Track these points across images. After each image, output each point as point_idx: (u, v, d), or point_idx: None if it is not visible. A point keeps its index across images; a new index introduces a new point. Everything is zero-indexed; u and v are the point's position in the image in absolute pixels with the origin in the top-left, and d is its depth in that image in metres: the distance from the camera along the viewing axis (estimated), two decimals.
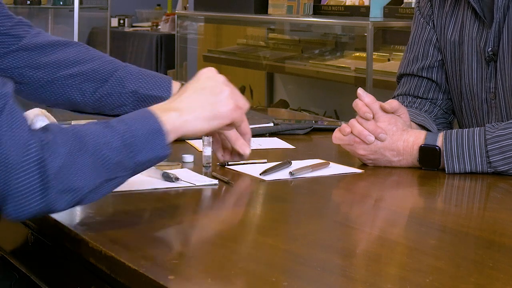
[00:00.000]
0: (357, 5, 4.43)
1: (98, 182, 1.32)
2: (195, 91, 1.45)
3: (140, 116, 1.37)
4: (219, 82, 1.48)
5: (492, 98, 1.99)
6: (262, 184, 1.70)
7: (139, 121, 1.36)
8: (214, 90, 1.46)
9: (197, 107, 1.43)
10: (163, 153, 1.38)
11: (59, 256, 1.49)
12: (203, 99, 1.45)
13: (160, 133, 1.37)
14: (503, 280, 1.18)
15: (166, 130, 1.37)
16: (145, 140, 1.35)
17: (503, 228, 1.47)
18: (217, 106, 1.46)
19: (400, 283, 1.17)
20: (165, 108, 1.41)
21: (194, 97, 1.44)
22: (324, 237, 1.40)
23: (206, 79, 1.48)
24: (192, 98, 1.44)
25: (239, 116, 1.50)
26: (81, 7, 6.12)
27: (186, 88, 1.47)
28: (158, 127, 1.37)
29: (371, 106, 1.83)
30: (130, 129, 1.34)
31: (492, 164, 1.76)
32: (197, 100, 1.44)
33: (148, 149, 1.36)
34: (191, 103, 1.43)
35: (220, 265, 1.25)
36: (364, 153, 1.83)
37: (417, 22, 2.15)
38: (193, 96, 1.44)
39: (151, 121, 1.36)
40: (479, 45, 2.00)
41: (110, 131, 1.33)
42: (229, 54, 5.27)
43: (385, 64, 4.07)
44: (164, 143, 1.37)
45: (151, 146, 1.36)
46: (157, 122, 1.37)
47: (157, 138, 1.36)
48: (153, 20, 7.52)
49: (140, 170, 1.38)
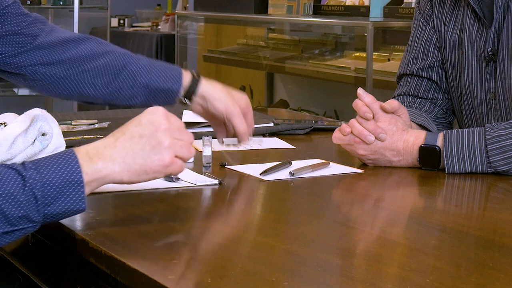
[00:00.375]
0: (357, 5, 4.43)
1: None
2: (131, 137, 1.33)
3: (61, 163, 1.27)
4: (160, 130, 1.35)
5: (491, 98, 1.99)
6: (262, 184, 1.70)
7: (57, 170, 1.26)
8: (151, 141, 1.33)
9: (127, 159, 1.32)
10: (77, 207, 1.28)
11: (59, 256, 1.49)
12: (137, 150, 1.32)
13: (78, 185, 1.27)
14: (503, 280, 1.18)
15: (86, 181, 1.28)
16: (59, 191, 1.26)
17: (503, 228, 1.47)
18: (150, 161, 1.33)
19: (400, 283, 1.17)
20: (91, 156, 1.30)
21: (128, 146, 1.32)
22: (324, 237, 1.40)
23: (148, 124, 1.35)
24: (125, 146, 1.32)
25: (176, 169, 1.37)
26: (81, 7, 6.11)
27: (124, 130, 1.34)
28: (78, 179, 1.27)
29: (371, 106, 1.83)
30: (42, 180, 1.25)
31: (492, 164, 1.76)
32: (130, 150, 1.32)
33: (61, 202, 1.27)
34: (122, 153, 1.32)
35: (220, 265, 1.25)
36: (364, 153, 1.83)
37: (417, 22, 2.15)
38: (127, 144, 1.32)
39: (71, 172, 1.27)
40: (478, 45, 2.00)
41: (21, 180, 1.24)
42: (229, 54, 5.27)
43: (385, 64, 4.07)
44: (81, 196, 1.28)
45: (65, 198, 1.27)
46: (78, 173, 1.27)
47: (74, 190, 1.27)
48: (153, 20, 7.51)
49: (51, 221, 1.28)
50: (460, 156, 1.77)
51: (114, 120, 2.32)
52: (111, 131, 1.86)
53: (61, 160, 1.28)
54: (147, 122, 1.35)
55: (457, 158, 1.77)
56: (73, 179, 1.27)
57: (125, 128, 1.35)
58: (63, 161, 1.27)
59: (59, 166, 1.27)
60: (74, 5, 6.00)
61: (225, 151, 1.99)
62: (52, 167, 1.26)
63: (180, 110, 2.36)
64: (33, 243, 1.58)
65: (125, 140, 1.33)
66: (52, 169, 1.26)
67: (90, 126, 2.18)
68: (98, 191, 1.60)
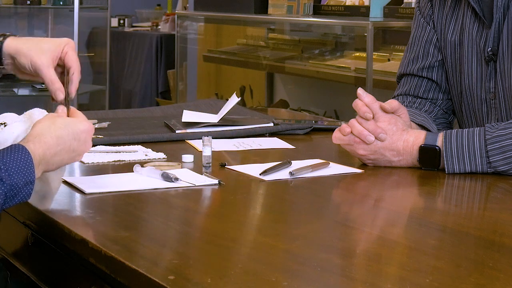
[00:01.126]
0: (357, 5, 4.42)
1: None
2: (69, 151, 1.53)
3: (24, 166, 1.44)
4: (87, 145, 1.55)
5: (491, 98, 1.99)
6: (262, 184, 1.70)
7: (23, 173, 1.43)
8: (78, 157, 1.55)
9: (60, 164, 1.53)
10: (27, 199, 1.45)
11: (59, 256, 1.49)
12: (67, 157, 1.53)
13: (31, 184, 1.45)
14: (503, 280, 1.18)
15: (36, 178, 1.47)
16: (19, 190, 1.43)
17: (503, 228, 1.47)
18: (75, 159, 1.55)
19: (400, 283, 1.17)
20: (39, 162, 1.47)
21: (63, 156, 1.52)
22: (324, 237, 1.40)
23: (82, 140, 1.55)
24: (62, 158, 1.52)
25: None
26: (81, 7, 6.11)
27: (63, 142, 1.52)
28: (32, 179, 1.44)
29: (371, 106, 1.83)
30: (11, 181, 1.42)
31: (492, 164, 1.76)
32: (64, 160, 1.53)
33: (20, 197, 1.44)
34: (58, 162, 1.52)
35: (220, 265, 1.25)
36: (364, 153, 1.83)
37: (417, 22, 2.15)
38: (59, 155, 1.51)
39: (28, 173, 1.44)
40: (479, 45, 2.00)
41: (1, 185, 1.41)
42: (229, 54, 5.27)
43: (385, 64, 4.07)
44: (30, 192, 1.45)
45: (23, 193, 1.44)
46: (33, 174, 1.45)
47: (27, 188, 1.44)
48: (153, 20, 7.52)
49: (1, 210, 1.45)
50: (460, 156, 1.77)
51: (114, 120, 2.32)
52: (111, 131, 1.89)
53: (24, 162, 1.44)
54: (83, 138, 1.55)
55: (457, 158, 1.77)
56: (30, 180, 1.44)
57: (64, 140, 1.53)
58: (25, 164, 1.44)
59: (23, 169, 1.44)
60: (74, 5, 6.00)
61: (225, 151, 1.99)
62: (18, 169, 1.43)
63: (180, 110, 2.36)
64: (33, 243, 1.58)
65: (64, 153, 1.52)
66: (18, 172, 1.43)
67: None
68: (98, 191, 1.60)
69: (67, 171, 1.80)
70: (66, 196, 1.61)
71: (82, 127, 1.55)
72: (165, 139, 2.10)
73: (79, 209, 1.56)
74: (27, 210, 1.55)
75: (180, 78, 5.78)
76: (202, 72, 5.96)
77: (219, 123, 2.20)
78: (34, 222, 1.55)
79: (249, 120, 2.29)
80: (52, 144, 1.50)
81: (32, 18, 6.59)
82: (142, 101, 6.74)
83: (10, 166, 1.42)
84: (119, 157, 1.89)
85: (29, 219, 1.56)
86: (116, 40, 7.08)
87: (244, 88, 5.39)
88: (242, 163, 1.86)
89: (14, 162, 1.43)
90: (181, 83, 5.81)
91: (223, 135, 2.14)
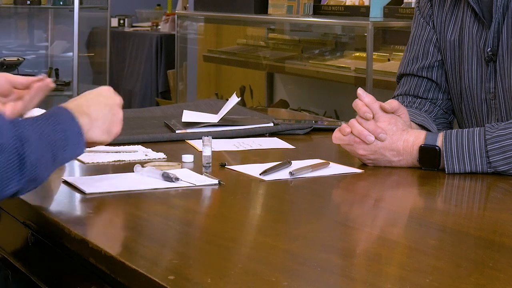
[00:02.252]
0: (357, 5, 4.42)
1: (49, 175, 1.44)
2: (99, 103, 1.56)
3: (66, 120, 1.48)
4: (116, 103, 1.59)
5: (491, 98, 1.99)
6: (262, 184, 1.70)
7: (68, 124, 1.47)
8: (112, 110, 1.57)
9: (99, 119, 1.54)
10: (80, 152, 1.50)
11: (59, 256, 1.49)
12: (105, 114, 1.56)
13: (82, 135, 1.49)
14: (503, 280, 1.18)
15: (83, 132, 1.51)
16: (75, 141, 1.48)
17: (503, 228, 1.47)
18: (112, 125, 1.57)
19: (400, 283, 1.17)
20: (79, 111, 1.51)
21: (98, 109, 1.55)
22: (324, 237, 1.40)
23: (107, 97, 1.59)
24: (97, 108, 1.55)
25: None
26: (81, 7, 6.11)
27: (89, 96, 1.58)
28: (79, 130, 1.49)
29: (371, 106, 1.83)
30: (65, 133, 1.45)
31: (492, 164, 1.76)
32: (100, 112, 1.55)
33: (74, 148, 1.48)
34: (96, 113, 1.54)
35: (220, 265, 1.25)
36: (364, 153, 1.83)
37: (417, 22, 2.15)
38: (98, 107, 1.55)
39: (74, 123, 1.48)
40: (478, 45, 2.00)
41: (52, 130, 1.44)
42: (229, 54, 5.27)
43: (385, 64, 4.07)
44: (82, 143, 1.50)
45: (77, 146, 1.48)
46: (79, 126, 1.49)
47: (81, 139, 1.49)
48: (153, 20, 7.52)
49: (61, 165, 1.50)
50: (460, 156, 1.77)
51: None
52: None
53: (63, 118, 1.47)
54: (107, 95, 1.60)
55: (457, 158, 1.77)
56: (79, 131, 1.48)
57: (89, 95, 1.58)
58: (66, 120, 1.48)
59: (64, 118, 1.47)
60: (74, 5, 6.00)
61: (225, 151, 1.99)
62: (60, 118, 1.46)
63: (180, 110, 2.36)
64: (33, 243, 1.58)
65: (95, 104, 1.55)
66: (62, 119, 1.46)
67: None
68: (98, 191, 1.60)
69: (67, 171, 1.80)
70: (66, 196, 1.61)
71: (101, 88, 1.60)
72: (165, 139, 2.10)
73: (79, 209, 1.56)
74: (27, 210, 1.55)
75: (180, 78, 5.77)
76: (202, 72, 5.96)
77: (219, 123, 2.20)
78: (34, 222, 1.55)
79: (249, 120, 2.29)
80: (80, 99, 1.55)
81: (32, 18, 6.59)
82: (142, 101, 6.74)
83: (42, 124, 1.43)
84: (119, 157, 1.89)
85: (29, 219, 1.56)
86: (116, 40, 7.08)
87: (244, 88, 5.39)
88: (242, 163, 1.86)
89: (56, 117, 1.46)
90: (181, 83, 5.81)
91: (223, 135, 2.14)
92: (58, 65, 6.56)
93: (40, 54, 6.66)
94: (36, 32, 6.65)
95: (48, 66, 6.67)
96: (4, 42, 6.43)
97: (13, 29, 6.52)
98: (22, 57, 6.30)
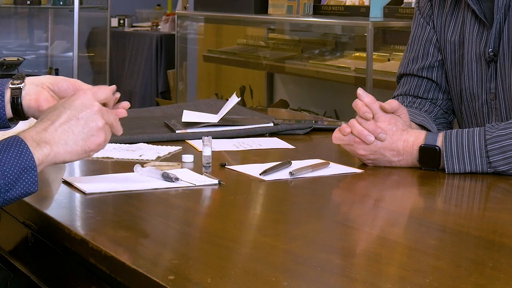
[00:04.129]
0: (357, 5, 4.42)
1: None
2: (69, 119, 1.43)
3: (14, 151, 1.37)
4: (94, 112, 1.45)
5: (492, 98, 1.99)
6: (262, 184, 1.70)
7: (13, 158, 1.36)
8: (88, 123, 1.45)
9: (69, 141, 1.43)
10: (31, 190, 1.39)
11: (59, 256, 1.49)
12: (77, 132, 1.44)
13: (32, 170, 1.37)
14: (503, 280, 1.18)
15: (37, 165, 1.38)
16: (17, 178, 1.36)
17: (503, 228, 1.47)
18: (89, 142, 1.45)
19: (400, 283, 1.17)
20: (37, 140, 1.40)
21: (67, 128, 1.43)
22: (324, 237, 1.40)
23: (81, 106, 1.45)
24: (65, 129, 1.43)
25: (102, 148, 1.49)
26: (81, 7, 6.12)
27: (59, 113, 1.44)
28: (31, 165, 1.37)
29: (371, 106, 1.83)
30: (2, 168, 1.34)
31: (492, 164, 1.76)
32: (71, 132, 1.43)
33: (18, 186, 1.37)
34: (64, 136, 1.42)
35: (220, 265, 1.25)
36: (364, 153, 1.83)
37: (417, 22, 2.15)
38: (66, 126, 1.43)
39: (25, 159, 1.37)
40: (479, 46, 2.00)
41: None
42: (229, 54, 5.27)
43: (385, 64, 4.07)
44: (35, 179, 1.38)
45: (22, 183, 1.37)
46: (31, 159, 1.37)
47: (28, 175, 1.37)
48: (153, 20, 7.52)
49: (7, 205, 1.39)
50: (460, 156, 1.77)
51: None
52: None
53: (13, 148, 1.37)
54: (80, 104, 1.45)
55: (457, 158, 1.77)
56: (27, 165, 1.37)
57: (59, 112, 1.44)
58: (16, 149, 1.37)
59: (13, 155, 1.36)
60: (74, 5, 6.00)
61: (225, 151, 1.99)
62: (7, 156, 1.36)
63: (180, 110, 2.36)
64: (33, 243, 1.58)
65: (63, 123, 1.43)
66: (8, 158, 1.36)
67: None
68: (98, 191, 1.60)
69: (67, 171, 1.80)
70: (66, 196, 1.61)
71: (74, 98, 1.46)
72: (165, 139, 2.10)
73: (79, 209, 1.56)
74: (27, 210, 1.55)
75: (180, 78, 5.77)
76: (202, 72, 5.96)
77: (219, 123, 2.20)
78: (34, 222, 1.55)
79: (249, 120, 2.28)
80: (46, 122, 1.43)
81: (32, 18, 6.59)
82: (142, 101, 6.74)
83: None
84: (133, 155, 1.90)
85: (29, 219, 1.56)
86: (116, 40, 7.08)
87: (244, 88, 5.39)
88: (242, 163, 1.86)
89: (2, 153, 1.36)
90: (181, 83, 5.81)
91: (223, 135, 2.14)
92: (58, 65, 6.56)
93: (40, 54, 6.66)
94: (36, 32, 6.66)
95: (48, 66, 6.68)
96: (4, 42, 6.44)
97: (13, 29, 6.52)
98: (22, 57, 6.31)
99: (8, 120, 1.62)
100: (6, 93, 1.60)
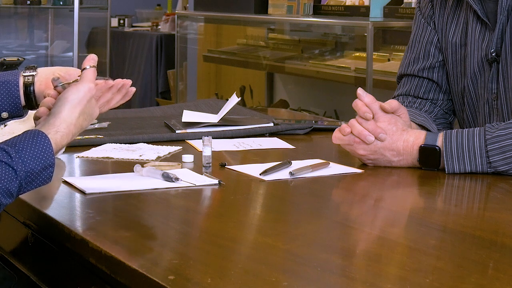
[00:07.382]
0: (357, 5, 4.42)
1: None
2: (79, 115, 1.52)
3: (40, 150, 1.43)
4: (93, 105, 1.57)
5: (494, 99, 1.99)
6: (262, 184, 1.70)
7: (37, 157, 1.42)
8: (90, 117, 1.56)
9: (76, 133, 1.53)
10: (47, 182, 1.45)
11: (59, 256, 1.49)
12: (82, 124, 1.54)
13: (51, 167, 1.45)
14: (503, 280, 1.18)
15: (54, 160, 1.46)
16: (38, 174, 1.43)
17: (504, 228, 1.47)
18: (86, 126, 1.56)
19: (400, 283, 1.17)
20: (58, 144, 1.47)
21: (78, 126, 1.53)
22: (324, 237, 1.40)
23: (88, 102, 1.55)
24: (75, 124, 1.52)
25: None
26: (81, 7, 6.11)
27: (73, 107, 1.52)
28: (50, 162, 1.44)
29: (371, 106, 1.83)
30: (27, 168, 1.40)
31: (492, 164, 1.76)
32: (79, 128, 1.53)
33: (38, 180, 1.43)
34: (73, 130, 1.51)
35: (220, 265, 1.25)
36: (364, 153, 1.83)
37: (418, 23, 2.15)
38: (77, 122, 1.52)
39: (47, 156, 1.44)
40: (481, 47, 1.99)
41: (14, 174, 1.39)
42: (229, 54, 5.27)
43: (385, 64, 4.07)
44: (51, 174, 1.45)
45: (41, 178, 1.44)
46: (52, 156, 1.45)
47: (48, 171, 1.44)
48: (153, 20, 7.52)
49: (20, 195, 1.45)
50: (460, 156, 1.77)
51: (114, 120, 2.32)
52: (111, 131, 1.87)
53: (39, 145, 1.43)
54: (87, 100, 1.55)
55: (457, 158, 1.77)
56: (49, 163, 1.44)
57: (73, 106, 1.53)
58: (41, 146, 1.43)
59: (38, 153, 1.43)
60: (74, 5, 6.00)
61: (225, 151, 1.99)
62: (33, 155, 1.42)
63: (180, 110, 2.36)
64: (33, 243, 1.58)
65: (75, 119, 1.52)
66: (33, 157, 1.42)
67: (90, 126, 2.18)
68: (98, 191, 1.60)
69: (67, 171, 1.80)
70: (66, 196, 1.61)
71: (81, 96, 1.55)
72: (165, 139, 2.10)
73: (79, 209, 1.56)
74: (27, 210, 1.55)
75: (180, 78, 5.77)
76: (202, 72, 5.96)
77: (219, 123, 2.20)
78: (34, 222, 1.55)
79: (249, 120, 2.28)
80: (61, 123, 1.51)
81: (32, 18, 6.59)
82: (142, 101, 6.74)
83: (24, 153, 1.41)
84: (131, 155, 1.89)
85: (29, 219, 1.56)
86: (116, 40, 7.08)
87: (244, 88, 5.39)
88: (242, 163, 1.86)
89: (29, 149, 1.42)
90: (181, 83, 5.81)
91: (223, 135, 2.14)
92: (58, 65, 6.54)
93: (40, 54, 6.66)
94: (36, 32, 6.65)
95: (48, 66, 6.67)
96: (4, 42, 6.44)
97: (13, 29, 6.52)
98: (22, 57, 6.31)
99: None
100: (20, 81, 1.68)
